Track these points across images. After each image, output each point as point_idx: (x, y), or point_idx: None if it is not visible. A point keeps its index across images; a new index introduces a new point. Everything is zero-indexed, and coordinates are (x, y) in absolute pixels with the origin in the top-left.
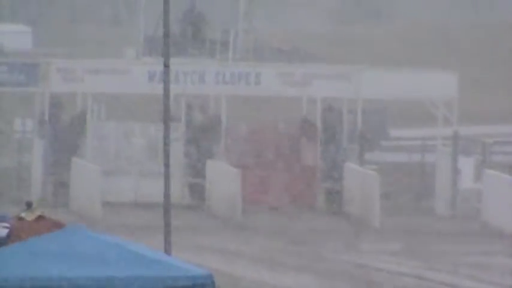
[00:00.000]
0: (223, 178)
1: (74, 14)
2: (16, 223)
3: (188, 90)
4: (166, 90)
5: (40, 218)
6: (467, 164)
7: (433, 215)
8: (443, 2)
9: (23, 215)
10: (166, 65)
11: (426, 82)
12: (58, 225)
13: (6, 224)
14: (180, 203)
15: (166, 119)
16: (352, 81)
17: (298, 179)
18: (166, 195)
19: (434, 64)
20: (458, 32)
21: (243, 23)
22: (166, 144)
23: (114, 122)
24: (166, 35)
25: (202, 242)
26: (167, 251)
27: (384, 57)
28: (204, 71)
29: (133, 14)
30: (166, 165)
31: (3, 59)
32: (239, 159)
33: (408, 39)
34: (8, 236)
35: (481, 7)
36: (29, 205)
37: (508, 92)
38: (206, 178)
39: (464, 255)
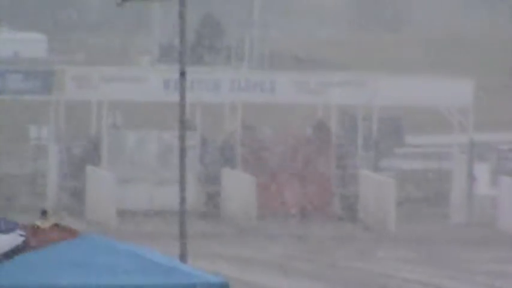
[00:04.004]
0: (238, 186)
1: (89, 21)
2: (31, 231)
3: (203, 98)
4: (182, 98)
5: (55, 226)
6: (482, 171)
7: (448, 222)
8: (459, 9)
9: (38, 223)
10: (182, 73)
11: (441, 89)
12: (73, 234)
13: (22, 232)
14: (196, 211)
15: (182, 127)
16: (368, 89)
17: (313, 186)
18: (182, 203)
19: (450, 71)
20: (473, 39)
21: (258, 31)
22: (182, 152)
23: (130, 130)
24: (182, 43)
25: (217, 250)
26: (183, 258)
27: (399, 64)
28: (219, 78)
29: (149, 22)
30: (182, 173)
31: (18, 67)
32: (254, 167)
33: (423, 46)
34: (23, 244)
35: (497, 14)
36: (44, 213)
37: None
38: (221, 186)
39: (480, 263)
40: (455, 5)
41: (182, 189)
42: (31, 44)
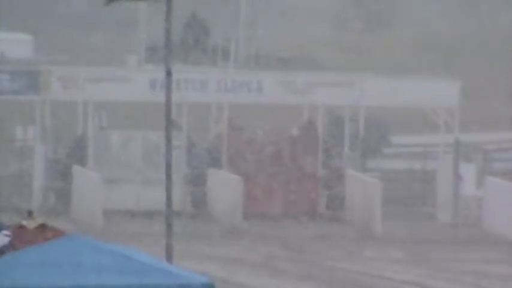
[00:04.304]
0: (224, 186)
1: (75, 22)
2: (17, 231)
3: (190, 98)
4: (168, 97)
5: (41, 226)
6: (468, 171)
7: (434, 222)
8: (445, 11)
9: (24, 223)
10: (168, 73)
11: (428, 89)
12: (59, 234)
13: (7, 232)
14: (182, 211)
15: (169, 127)
16: (354, 89)
17: (299, 186)
18: (168, 203)
19: (436, 72)
20: (460, 40)
21: (244, 31)
22: (168, 152)
23: (116, 130)
24: (168, 43)
25: (203, 250)
26: (169, 259)
27: (386, 65)
28: (205, 78)
29: (135, 22)
30: (168, 173)
31: (4, 67)
32: (240, 167)
33: (410, 47)
34: (9, 244)
35: (482, 15)
36: (30, 213)
37: (509, 99)
38: (208, 186)
39: (466, 263)
40: (442, 6)
41: (168, 189)
42: (17, 44)
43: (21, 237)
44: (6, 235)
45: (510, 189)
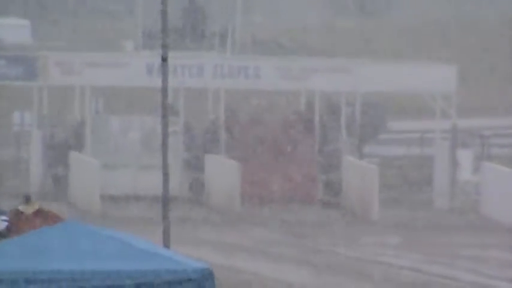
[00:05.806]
0: (222, 171)
1: (72, 6)
2: (14, 216)
3: (187, 84)
4: (165, 83)
5: (39, 211)
6: (465, 157)
7: (431, 208)
8: None
9: (21, 208)
10: (164, 59)
11: (425, 75)
12: (56, 219)
13: (5, 217)
14: (179, 196)
15: (165, 112)
16: (351, 75)
17: (297, 171)
18: (165, 188)
19: (433, 57)
20: (457, 25)
21: (241, 17)
22: (164, 137)
23: (113, 115)
24: (164, 28)
25: (201, 235)
26: (166, 244)
27: (383, 51)
28: (202, 64)
29: (132, 7)
30: (165, 159)
31: (1, 53)
32: (238, 152)
33: (407, 32)
34: (7, 229)
35: (480, 0)
36: (27, 198)
37: (506, 85)
38: (205, 171)
39: (463, 248)
40: None
41: (165, 174)
42: (14, 30)
43: (18, 222)
44: (4, 220)
45: (507, 174)
